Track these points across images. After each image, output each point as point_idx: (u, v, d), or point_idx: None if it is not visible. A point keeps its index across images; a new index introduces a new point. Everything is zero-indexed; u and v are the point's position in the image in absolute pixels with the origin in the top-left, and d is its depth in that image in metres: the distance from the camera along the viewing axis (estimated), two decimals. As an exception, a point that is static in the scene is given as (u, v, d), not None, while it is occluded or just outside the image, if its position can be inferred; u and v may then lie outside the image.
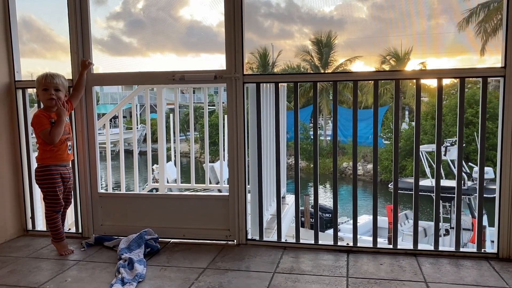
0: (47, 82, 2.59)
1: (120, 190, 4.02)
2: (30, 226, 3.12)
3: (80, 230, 3.03)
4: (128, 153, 4.59)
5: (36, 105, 2.99)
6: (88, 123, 2.93)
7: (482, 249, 2.58)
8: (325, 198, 19.19)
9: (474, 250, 2.58)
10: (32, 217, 3.13)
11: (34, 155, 3.07)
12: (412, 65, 28.33)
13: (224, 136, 4.26)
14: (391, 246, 2.68)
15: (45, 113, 2.59)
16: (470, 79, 2.65)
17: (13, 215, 3.05)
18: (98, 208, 2.99)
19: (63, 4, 2.86)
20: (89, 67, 2.86)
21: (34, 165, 3.04)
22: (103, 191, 3.05)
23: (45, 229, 3.10)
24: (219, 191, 4.66)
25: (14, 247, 2.86)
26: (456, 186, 2.68)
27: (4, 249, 2.82)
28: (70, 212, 3.04)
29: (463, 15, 22.60)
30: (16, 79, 3.02)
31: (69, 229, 3.12)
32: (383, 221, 12.11)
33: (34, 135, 2.70)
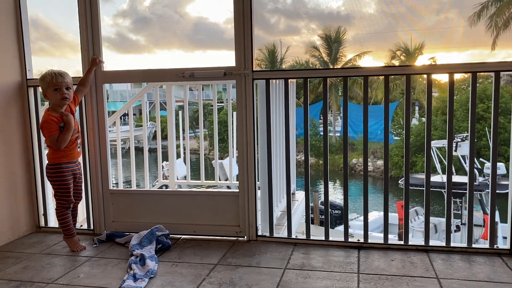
0: (58, 82, 2.56)
1: (130, 187, 4.05)
2: (42, 223, 3.16)
3: (91, 227, 3.06)
4: (138, 150, 4.63)
5: (46, 102, 3.01)
6: (99, 121, 2.95)
7: (495, 245, 2.55)
8: (334, 195, 19.15)
9: (487, 246, 2.56)
10: (45, 214, 3.16)
11: (45, 152, 3.11)
12: (422, 60, 28.08)
13: (233, 132, 4.27)
14: (402, 242, 2.66)
15: (54, 117, 2.57)
16: (481, 73, 2.62)
17: (26, 212, 3.09)
18: (109, 204, 3.02)
19: (71, 2, 2.88)
20: (99, 64, 2.88)
21: (46, 162, 3.07)
22: (114, 188, 3.07)
23: (57, 225, 3.13)
24: (228, 187, 4.68)
25: (27, 243, 2.89)
26: (468, 181, 2.65)
27: (18, 245, 2.86)
28: (81, 208, 3.07)
29: (474, 9, 22.35)
30: (28, 77, 3.04)
31: (81, 225, 3.15)
32: (393, 217, 12.06)
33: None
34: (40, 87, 2.69)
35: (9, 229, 2.94)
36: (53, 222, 3.21)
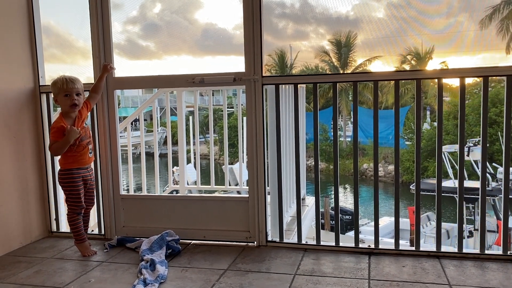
0: (68, 88, 2.59)
1: (141, 192, 4.07)
2: (54, 228, 3.19)
3: (102, 232, 3.08)
4: (149, 155, 4.65)
5: (59, 108, 3.05)
6: (110, 126, 2.97)
7: (508, 252, 2.51)
8: (345, 200, 19.05)
9: (500, 252, 2.52)
10: (56, 219, 3.19)
11: (57, 158, 3.15)
12: (433, 65, 27.90)
13: (243, 137, 4.28)
14: (413, 248, 2.64)
15: (64, 124, 2.60)
16: (493, 77, 2.59)
17: (38, 217, 3.12)
18: (120, 209, 3.04)
19: (82, 10, 2.92)
20: (110, 71, 2.91)
21: (58, 168, 3.11)
22: (125, 193, 3.09)
23: (69, 230, 3.16)
24: (238, 192, 4.68)
25: (40, 248, 2.92)
26: (481, 187, 2.62)
27: (30, 250, 2.89)
28: (93, 213, 3.09)
29: (486, 12, 22.18)
30: (40, 84, 3.09)
31: (92, 230, 3.17)
32: (405, 223, 11.95)
33: None
34: (52, 93, 2.73)
35: (21, 234, 2.98)
36: (65, 227, 3.24)
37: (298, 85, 2.93)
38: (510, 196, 2.59)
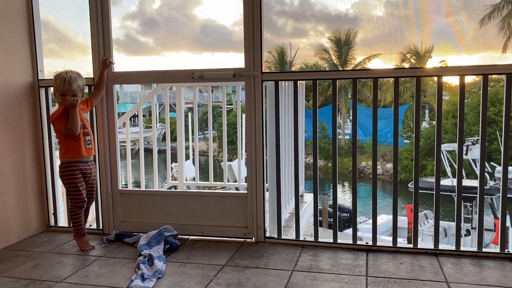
0: (65, 89, 2.62)
1: (140, 187, 4.06)
2: (52, 222, 3.19)
3: (101, 227, 3.08)
4: (148, 151, 4.65)
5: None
6: (109, 121, 2.97)
7: (506, 250, 2.52)
8: (343, 198, 19.07)
9: (497, 250, 2.53)
10: (55, 213, 3.19)
11: (56, 152, 3.14)
12: (432, 63, 27.89)
13: (242, 134, 4.28)
14: (411, 246, 2.64)
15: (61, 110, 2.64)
16: (493, 76, 2.59)
17: (36, 211, 3.12)
18: (118, 205, 3.04)
19: (82, 5, 2.92)
20: (109, 66, 2.90)
21: (57, 162, 3.11)
22: (123, 188, 3.09)
23: (67, 225, 3.16)
24: (237, 189, 4.68)
25: (38, 242, 2.92)
26: (479, 186, 2.63)
27: (28, 244, 2.89)
28: (91, 208, 3.09)
29: (486, 11, 22.18)
30: (39, 78, 3.08)
31: (90, 225, 3.17)
32: (403, 221, 11.96)
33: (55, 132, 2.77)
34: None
35: (20, 228, 2.97)
36: (63, 221, 3.24)
37: (298, 82, 2.92)
38: (508, 195, 2.60)
